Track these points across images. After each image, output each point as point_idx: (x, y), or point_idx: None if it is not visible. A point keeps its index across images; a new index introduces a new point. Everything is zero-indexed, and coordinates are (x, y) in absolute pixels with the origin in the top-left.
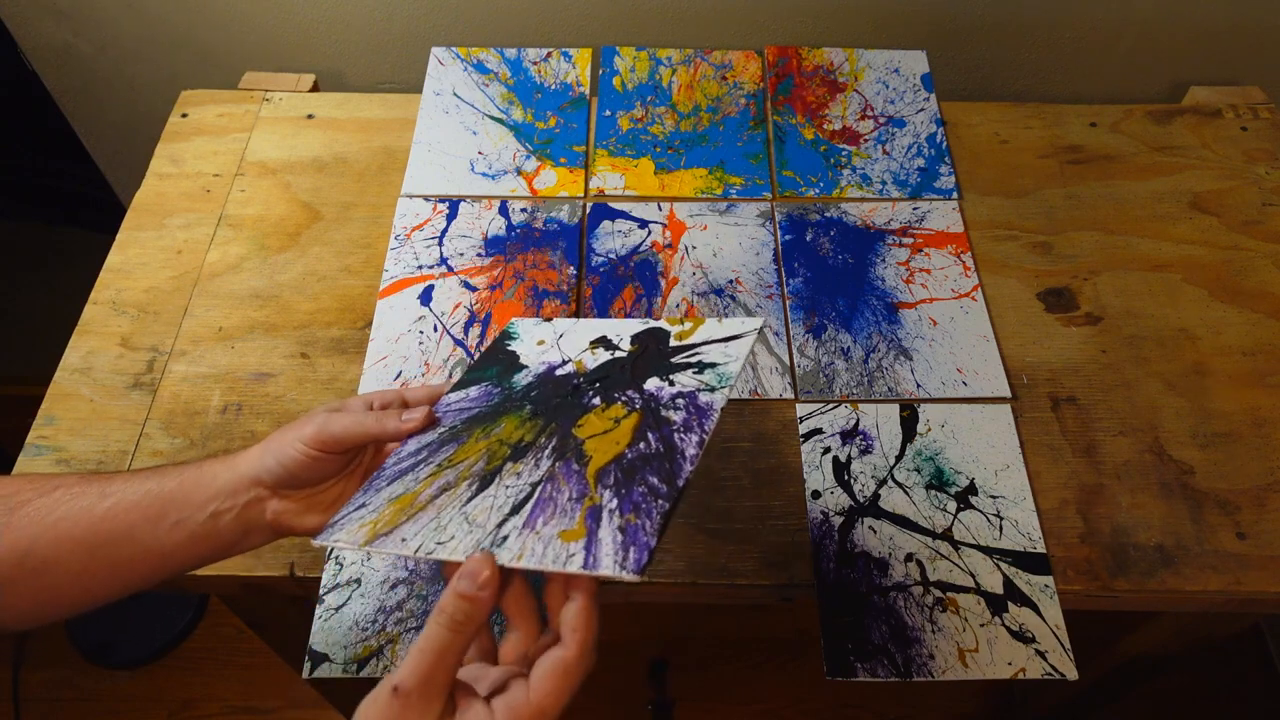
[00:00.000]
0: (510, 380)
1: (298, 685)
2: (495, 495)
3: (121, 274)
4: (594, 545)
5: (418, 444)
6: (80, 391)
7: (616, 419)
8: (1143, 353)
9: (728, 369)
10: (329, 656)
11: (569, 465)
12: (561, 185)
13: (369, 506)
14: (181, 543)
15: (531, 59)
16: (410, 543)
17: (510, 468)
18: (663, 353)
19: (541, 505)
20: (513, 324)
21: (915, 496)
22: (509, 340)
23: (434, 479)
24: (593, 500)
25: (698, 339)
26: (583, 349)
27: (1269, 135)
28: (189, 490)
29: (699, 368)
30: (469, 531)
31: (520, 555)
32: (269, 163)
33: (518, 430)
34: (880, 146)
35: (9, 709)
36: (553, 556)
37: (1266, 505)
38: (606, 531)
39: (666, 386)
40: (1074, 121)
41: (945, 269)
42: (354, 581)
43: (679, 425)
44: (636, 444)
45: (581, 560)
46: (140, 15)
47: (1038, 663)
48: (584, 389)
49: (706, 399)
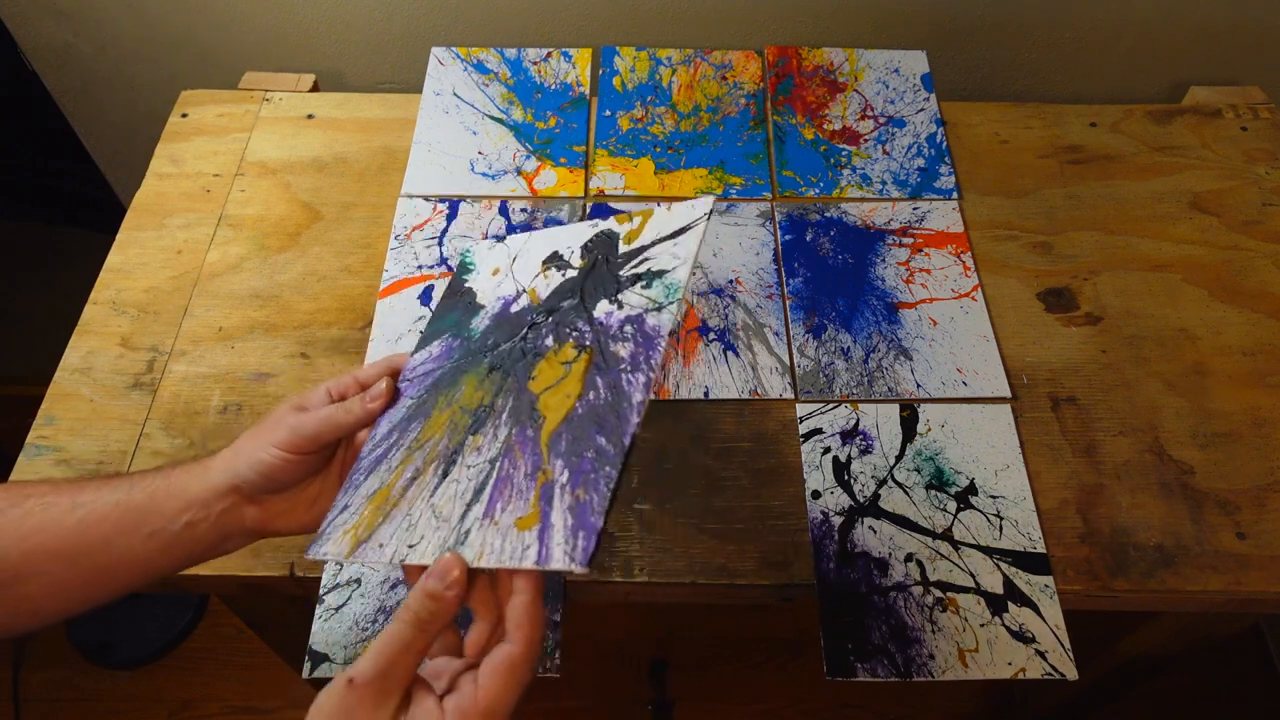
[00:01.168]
0: (469, 327)
1: (298, 685)
2: (459, 479)
3: (121, 274)
4: (547, 534)
5: (388, 424)
6: (80, 391)
7: (567, 363)
8: (1143, 353)
9: (676, 276)
10: (329, 656)
11: (524, 431)
12: (561, 185)
13: (350, 509)
14: (158, 551)
15: (531, 59)
16: (386, 548)
17: (471, 442)
18: (611, 265)
19: (499, 486)
20: (467, 251)
21: (915, 496)
22: (465, 274)
23: (405, 465)
24: (546, 475)
25: (646, 238)
26: (535, 273)
27: (1269, 135)
28: (160, 502)
29: (646, 279)
30: (436, 528)
31: (481, 554)
32: (269, 163)
33: (476, 392)
34: (880, 146)
35: (9, 709)
36: (510, 551)
37: (1266, 505)
38: (558, 515)
39: (615, 310)
40: (1074, 121)
41: (945, 269)
42: (354, 581)
43: (626, 363)
44: (586, 394)
45: (535, 553)
46: (140, 15)
47: (1038, 663)
48: (539, 325)
49: (654, 321)
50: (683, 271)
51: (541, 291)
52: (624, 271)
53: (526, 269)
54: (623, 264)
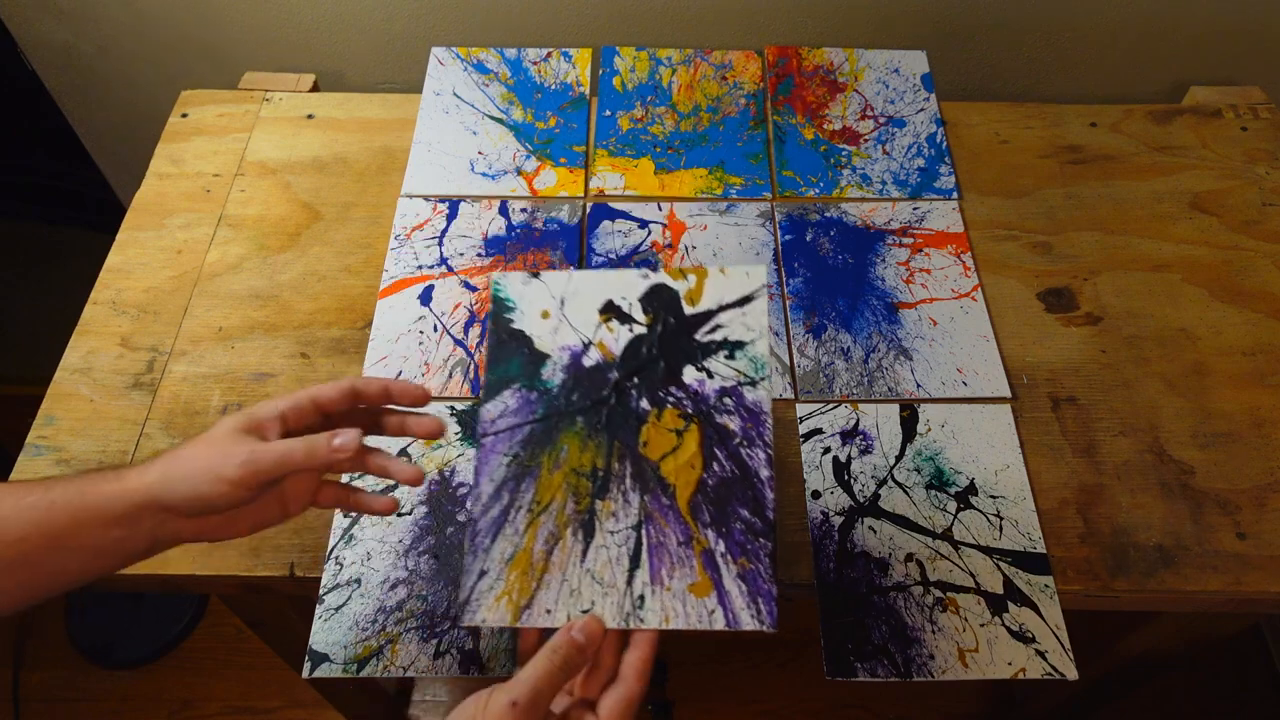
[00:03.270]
0: (540, 379)
1: (298, 685)
2: (607, 546)
3: (121, 274)
4: (726, 600)
5: (490, 482)
6: (80, 391)
7: (677, 431)
8: (1143, 353)
9: (756, 350)
10: (329, 656)
11: (658, 499)
12: (561, 185)
13: (490, 574)
14: (90, 560)
15: (531, 59)
16: (555, 613)
17: (602, 507)
18: (681, 327)
19: (655, 553)
20: (499, 287)
21: (915, 496)
22: (508, 313)
23: (535, 530)
24: (702, 544)
25: (709, 303)
26: (595, 324)
27: (1269, 135)
28: (82, 523)
29: (728, 349)
30: (604, 593)
31: (666, 618)
32: (269, 163)
33: (584, 454)
34: (880, 146)
35: (9, 709)
36: (696, 616)
37: (1266, 505)
38: (730, 582)
39: (706, 380)
40: (1074, 121)
41: (945, 269)
42: (354, 581)
43: (740, 436)
44: (709, 465)
45: (723, 619)
46: (140, 15)
47: (1038, 663)
48: (624, 387)
49: (752, 397)
50: (763, 346)
51: (611, 345)
52: (699, 336)
53: (581, 316)
54: (694, 327)
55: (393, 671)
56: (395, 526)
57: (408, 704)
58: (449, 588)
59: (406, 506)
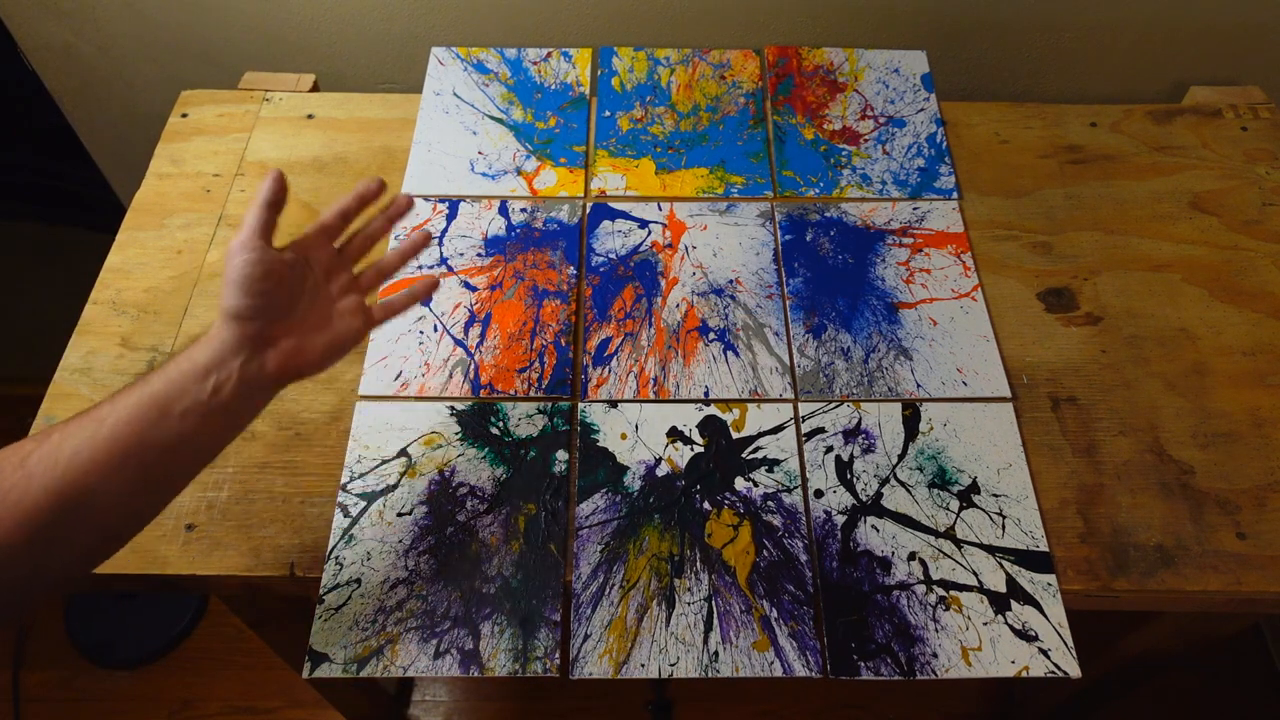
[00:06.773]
0: (623, 485)
1: (298, 685)
2: (685, 614)
3: (121, 274)
4: (782, 655)
5: (589, 565)
6: (80, 391)
7: (733, 526)
8: (1143, 353)
9: (790, 465)
10: (329, 656)
11: (723, 578)
12: (561, 185)
13: (593, 637)
14: (196, 427)
15: (531, 59)
16: (649, 667)
17: (679, 584)
18: (730, 447)
19: (724, 619)
20: (585, 414)
21: (918, 495)
22: (594, 435)
23: (627, 601)
24: (759, 611)
25: (750, 429)
26: (664, 444)
27: (1269, 135)
28: (178, 381)
29: (767, 465)
30: (687, 650)
31: (737, 669)
32: (269, 163)
33: (662, 543)
34: (880, 146)
35: (9, 709)
36: (759, 666)
37: (1266, 505)
38: (784, 640)
39: (753, 487)
40: (1074, 121)
41: (945, 269)
42: (354, 581)
43: (781, 530)
44: (760, 552)
45: (780, 668)
46: (140, 15)
47: (1041, 661)
48: (690, 493)
49: (789, 500)
50: (794, 463)
51: (677, 460)
52: (745, 455)
53: (652, 438)
54: (741, 448)
55: (393, 671)
56: (395, 526)
57: (408, 704)
58: (450, 589)
59: (407, 506)
